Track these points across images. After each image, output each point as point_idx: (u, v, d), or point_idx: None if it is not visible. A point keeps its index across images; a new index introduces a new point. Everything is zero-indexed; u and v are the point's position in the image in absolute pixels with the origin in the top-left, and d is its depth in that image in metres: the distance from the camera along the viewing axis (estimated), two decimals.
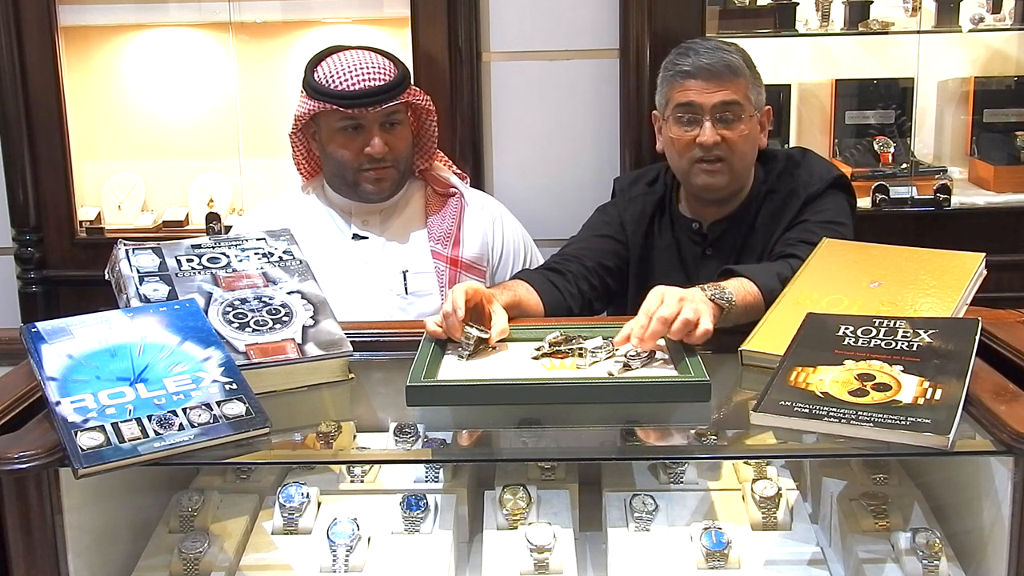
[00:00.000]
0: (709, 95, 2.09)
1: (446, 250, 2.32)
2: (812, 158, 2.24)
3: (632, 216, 2.29)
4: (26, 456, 1.30)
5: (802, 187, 2.15)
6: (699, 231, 2.24)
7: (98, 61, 3.01)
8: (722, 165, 2.12)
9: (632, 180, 2.38)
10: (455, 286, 1.72)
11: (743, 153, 2.14)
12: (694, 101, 2.10)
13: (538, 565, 1.50)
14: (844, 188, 2.17)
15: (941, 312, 1.66)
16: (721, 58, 2.10)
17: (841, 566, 1.56)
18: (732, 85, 2.10)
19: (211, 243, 1.79)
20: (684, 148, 2.14)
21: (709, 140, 2.09)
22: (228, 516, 1.64)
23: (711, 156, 2.11)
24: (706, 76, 2.09)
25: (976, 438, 1.36)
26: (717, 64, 2.09)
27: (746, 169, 2.18)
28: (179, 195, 3.07)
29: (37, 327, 1.48)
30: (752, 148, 2.17)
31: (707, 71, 2.09)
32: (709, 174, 2.13)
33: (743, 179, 2.19)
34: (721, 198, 2.20)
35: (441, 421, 1.57)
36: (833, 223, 2.06)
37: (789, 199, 2.15)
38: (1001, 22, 2.95)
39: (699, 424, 1.52)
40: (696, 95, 2.10)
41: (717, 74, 2.09)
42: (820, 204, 2.12)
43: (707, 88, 2.09)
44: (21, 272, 2.89)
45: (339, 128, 2.24)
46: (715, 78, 2.09)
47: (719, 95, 2.09)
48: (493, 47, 2.82)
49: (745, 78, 2.12)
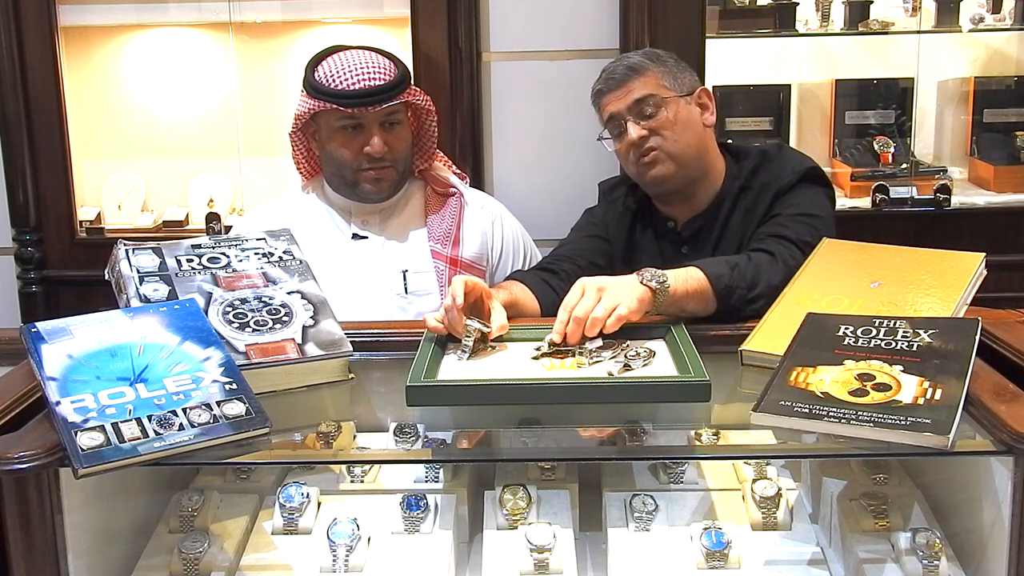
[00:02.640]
0: (621, 100, 2.14)
1: (446, 250, 2.32)
2: (786, 152, 2.24)
3: (614, 219, 2.30)
4: (26, 456, 1.30)
5: (774, 181, 2.14)
6: (675, 230, 2.25)
7: (98, 61, 3.01)
8: (657, 153, 2.13)
9: (613, 184, 2.39)
10: (455, 278, 1.73)
11: (677, 137, 2.14)
12: (612, 112, 2.16)
13: (538, 565, 1.50)
14: (817, 180, 2.15)
15: (941, 312, 1.66)
16: (621, 64, 2.17)
17: (841, 566, 1.56)
18: (638, 82, 2.14)
19: (211, 243, 1.79)
20: (624, 156, 2.19)
21: (635, 137, 2.12)
22: (228, 516, 1.64)
23: (644, 150, 2.14)
24: (613, 85, 2.16)
25: (976, 438, 1.36)
26: (618, 71, 2.16)
27: (690, 153, 2.16)
28: (179, 195, 3.07)
29: (37, 327, 1.48)
30: (687, 129, 2.16)
31: (612, 81, 2.16)
32: (650, 166, 2.15)
33: (693, 164, 2.17)
34: (678, 189, 2.19)
35: (441, 421, 1.57)
36: (805, 215, 2.04)
37: (761, 194, 2.15)
38: (1001, 22, 2.95)
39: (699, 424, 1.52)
40: (613, 105, 2.16)
41: (621, 79, 2.15)
42: (792, 197, 2.11)
43: (618, 95, 2.15)
44: (21, 272, 2.89)
45: (339, 127, 2.24)
46: (621, 84, 2.15)
47: (629, 96, 2.14)
48: (493, 47, 2.82)
49: (652, 71, 2.15)
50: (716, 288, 1.80)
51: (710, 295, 1.80)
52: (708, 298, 1.80)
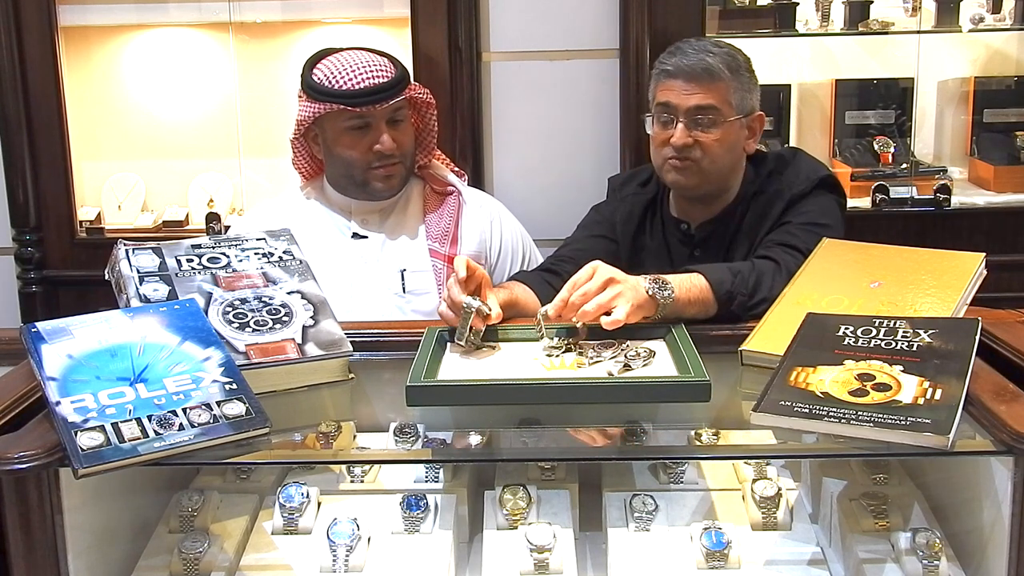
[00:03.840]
0: (685, 97, 2.09)
1: (444, 248, 2.32)
2: (802, 158, 2.23)
3: (622, 217, 2.29)
4: (26, 456, 1.29)
5: (787, 187, 2.14)
6: (687, 232, 2.24)
7: (98, 61, 3.01)
8: (691, 165, 2.12)
9: (624, 180, 2.38)
10: (457, 257, 1.73)
11: (716, 157, 2.12)
12: (670, 102, 2.11)
13: (538, 565, 1.50)
14: (831, 188, 2.15)
15: (941, 312, 1.66)
16: (702, 60, 2.09)
17: (841, 566, 1.56)
18: (710, 89, 2.09)
19: (211, 243, 1.79)
20: (659, 146, 2.16)
21: (679, 142, 2.10)
22: (228, 516, 1.64)
23: (681, 156, 2.11)
24: (685, 78, 2.09)
25: (976, 438, 1.36)
26: (696, 67, 2.09)
27: (720, 173, 2.16)
28: (179, 195, 3.07)
29: (37, 327, 1.47)
30: (729, 153, 2.14)
31: (686, 73, 2.09)
32: (678, 172, 2.13)
33: (718, 182, 2.17)
34: (696, 196, 2.20)
35: (441, 421, 1.57)
36: (815, 224, 2.04)
37: (774, 200, 2.14)
38: (1001, 22, 2.95)
39: (699, 424, 1.52)
40: (674, 96, 2.11)
41: (695, 77, 2.09)
42: (804, 205, 2.10)
43: (685, 90, 2.09)
44: (21, 272, 2.89)
45: (346, 128, 2.23)
46: (693, 81, 2.09)
47: (694, 98, 2.09)
48: (493, 47, 2.82)
49: (726, 82, 2.10)
50: (717, 294, 1.79)
51: (711, 301, 1.79)
52: (709, 304, 1.79)
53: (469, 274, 1.71)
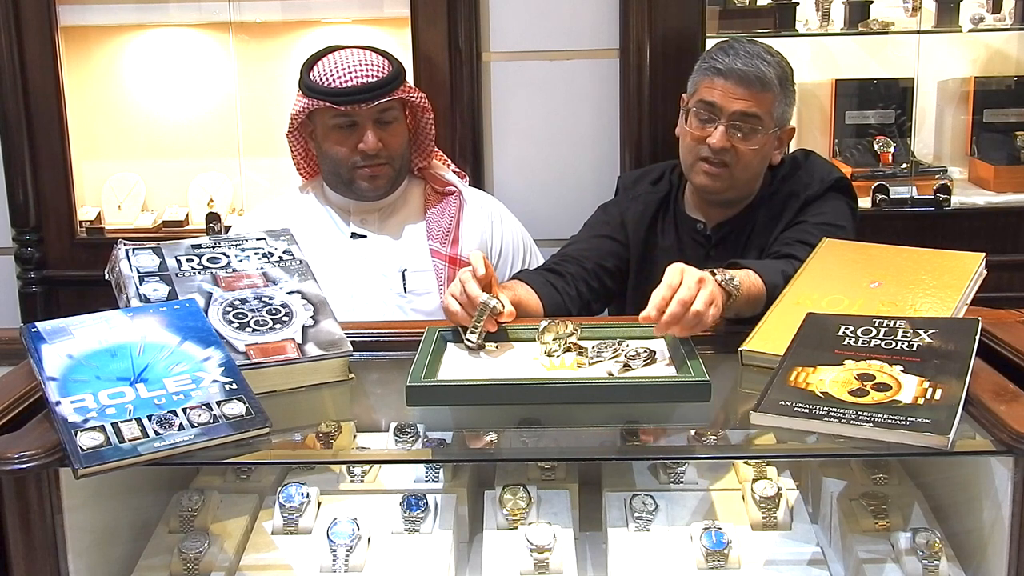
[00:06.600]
0: (731, 100, 2.07)
1: (444, 248, 2.32)
2: (815, 160, 2.23)
3: (634, 216, 2.28)
4: (26, 456, 1.30)
5: (802, 189, 2.14)
6: (703, 232, 2.23)
7: (98, 61, 3.01)
8: (725, 171, 2.11)
9: (636, 178, 2.37)
10: (472, 252, 1.71)
11: (749, 165, 2.12)
12: (715, 102, 2.08)
13: (538, 565, 1.50)
14: (844, 191, 2.16)
15: (941, 312, 1.66)
16: (756, 67, 2.06)
17: (841, 566, 1.56)
18: (757, 97, 2.07)
19: (211, 243, 1.79)
20: (693, 142, 2.13)
21: (717, 144, 2.08)
22: (228, 516, 1.64)
23: (716, 159, 2.10)
24: (735, 80, 2.06)
25: (976, 438, 1.36)
26: (749, 73, 2.06)
27: (749, 181, 2.17)
28: (179, 195, 3.07)
29: (37, 327, 1.47)
30: (761, 162, 2.15)
31: (737, 76, 2.06)
32: (709, 176, 2.12)
33: (744, 189, 2.18)
34: (720, 201, 2.20)
35: (441, 421, 1.57)
36: (830, 225, 2.05)
37: (789, 200, 2.15)
38: (1001, 22, 2.95)
39: (699, 424, 1.52)
40: (720, 97, 2.08)
41: (746, 82, 2.06)
42: (819, 206, 2.11)
43: (733, 93, 2.07)
44: (21, 272, 2.89)
45: (333, 125, 2.24)
46: (742, 85, 2.06)
47: (741, 104, 2.07)
48: (493, 47, 2.82)
49: (773, 93, 2.08)
50: (771, 296, 1.77)
51: (763, 301, 1.77)
52: (761, 303, 1.77)
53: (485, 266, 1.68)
